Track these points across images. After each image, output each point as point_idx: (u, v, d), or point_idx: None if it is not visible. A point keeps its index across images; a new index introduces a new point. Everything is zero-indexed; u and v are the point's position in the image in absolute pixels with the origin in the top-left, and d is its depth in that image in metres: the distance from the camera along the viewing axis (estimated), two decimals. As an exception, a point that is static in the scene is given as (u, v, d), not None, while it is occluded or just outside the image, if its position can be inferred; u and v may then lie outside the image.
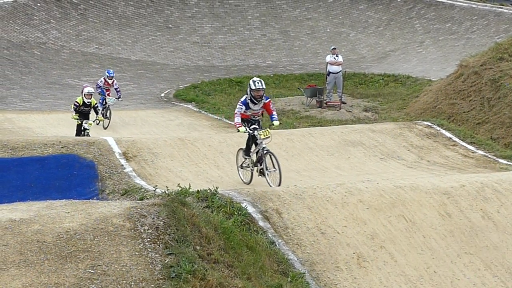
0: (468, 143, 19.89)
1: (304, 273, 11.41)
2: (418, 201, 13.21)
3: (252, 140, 16.09)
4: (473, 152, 19.38)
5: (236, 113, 15.89)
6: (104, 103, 26.77)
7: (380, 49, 39.75)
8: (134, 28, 41.56)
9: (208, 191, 12.83)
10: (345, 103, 28.93)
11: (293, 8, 43.62)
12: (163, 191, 13.02)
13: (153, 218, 10.42)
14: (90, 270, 9.63)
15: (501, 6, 39.55)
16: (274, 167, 15.64)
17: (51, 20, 40.03)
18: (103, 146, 17.44)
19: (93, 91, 23.10)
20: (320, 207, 12.84)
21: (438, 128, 20.63)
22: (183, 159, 17.92)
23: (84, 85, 24.04)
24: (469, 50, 32.78)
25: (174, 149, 18.33)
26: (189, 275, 9.76)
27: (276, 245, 11.85)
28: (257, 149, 16.03)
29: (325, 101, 28.80)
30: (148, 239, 10.14)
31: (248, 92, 15.91)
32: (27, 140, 17.76)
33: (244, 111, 15.92)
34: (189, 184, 13.26)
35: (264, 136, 15.87)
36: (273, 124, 16.02)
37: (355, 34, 41.48)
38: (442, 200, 13.28)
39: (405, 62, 36.81)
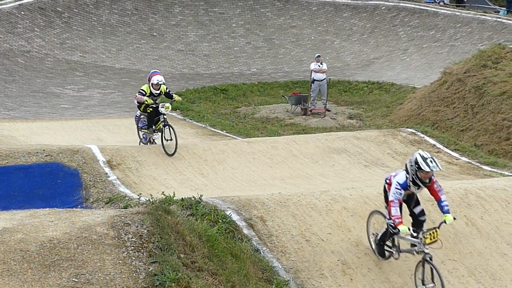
0: (452, 150, 19.96)
1: (288, 280, 11.42)
2: (402, 208, 13.22)
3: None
4: (457, 159, 19.45)
5: (393, 200, 11.51)
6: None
7: (364, 57, 39.84)
8: (118, 36, 41.50)
9: (193, 199, 12.82)
10: (330, 111, 28.97)
11: (278, 16, 43.67)
12: (147, 199, 13.01)
13: (137, 227, 10.40)
14: (73, 279, 9.60)
15: (484, 14, 39.73)
16: (433, 282, 11.52)
17: (35, 28, 39.92)
18: (87, 155, 17.41)
19: (163, 80, 19.60)
20: (304, 214, 12.85)
21: (422, 135, 20.69)
22: (168, 167, 17.90)
23: (152, 72, 20.11)
24: (453, 58, 32.91)
25: (159, 157, 18.32)
26: (173, 284, 9.75)
27: (260, 252, 11.85)
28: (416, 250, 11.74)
29: (309, 109, 28.83)
30: (132, 248, 10.12)
31: (411, 171, 11.53)
32: (10, 148, 17.69)
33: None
34: (174, 192, 13.26)
35: (431, 240, 11.57)
36: (445, 222, 11.59)
37: (339, 42, 41.57)
38: (426, 207, 13.30)
39: (389, 70, 36.91)
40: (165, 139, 18.84)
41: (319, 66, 29.14)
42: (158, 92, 19.39)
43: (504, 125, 22.22)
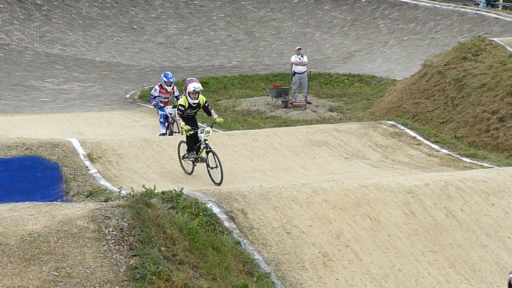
0: (432, 142, 20.03)
1: (269, 273, 11.42)
2: (382, 200, 13.27)
3: None
4: (437, 151, 19.52)
5: None
6: (166, 120, 21.13)
7: (345, 49, 39.88)
8: (98, 29, 41.34)
9: (173, 192, 12.80)
10: (311, 103, 28.98)
11: (258, 8, 43.63)
12: (128, 192, 12.97)
13: (117, 220, 10.38)
14: (54, 273, 9.57)
15: (464, 6, 39.85)
16: None
17: (15, 21, 39.69)
18: (68, 148, 17.33)
19: (201, 87, 17.25)
20: (285, 207, 12.86)
21: (403, 128, 20.75)
22: (148, 160, 17.86)
23: (188, 79, 17.76)
24: (433, 50, 32.99)
25: (139, 150, 18.26)
26: (154, 276, 9.73)
27: (241, 245, 11.85)
28: None
29: (290, 101, 28.83)
30: (113, 241, 10.10)
31: None
32: (-10, 142, 17.59)
33: None
34: (154, 185, 13.22)
35: None
36: None
37: (320, 35, 41.59)
38: (406, 199, 13.36)
39: (369, 62, 36.96)
40: (209, 167, 16.73)
41: (299, 58, 29.13)
42: (197, 102, 17.03)
43: (484, 117, 22.32)
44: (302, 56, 29.25)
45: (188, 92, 16.98)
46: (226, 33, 42.22)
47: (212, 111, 17.35)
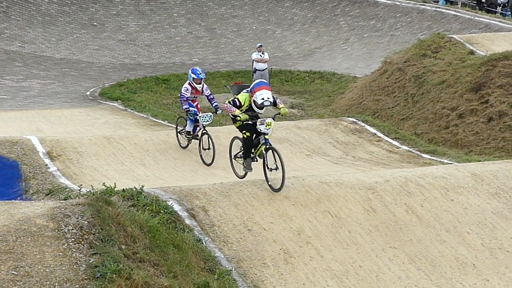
0: (393, 139, 20.14)
1: (231, 270, 11.42)
2: (343, 196, 13.32)
3: None
4: (397, 148, 19.64)
5: None
6: (195, 125, 18.79)
7: (305, 46, 39.98)
8: (58, 26, 41.02)
9: (134, 189, 12.74)
10: (272, 100, 29.01)
11: (219, 5, 43.59)
12: (88, 190, 12.90)
13: (77, 218, 10.31)
14: (12, 272, 9.48)
15: (424, 4, 40.14)
16: None
17: (-27, 18, 39.29)
18: (27, 146, 17.19)
19: (271, 99, 14.04)
20: (246, 204, 12.86)
21: (363, 124, 20.84)
22: (109, 158, 17.77)
23: (256, 84, 14.59)
24: (393, 47, 33.18)
25: (100, 147, 18.16)
26: (114, 275, 9.69)
27: (202, 242, 11.84)
28: None
29: (251, 98, 28.84)
30: (72, 239, 10.03)
31: None
32: None
33: None
34: (115, 183, 13.15)
35: None
36: None
37: (281, 32, 41.64)
38: (367, 195, 13.42)
39: (330, 59, 37.09)
40: (268, 167, 13.63)
41: (260, 56, 29.16)
42: (262, 111, 14.13)
43: (443, 113, 22.49)
44: (263, 53, 29.29)
45: (255, 101, 13.93)
46: (187, 30, 42.13)
47: (278, 100, 14.36)
